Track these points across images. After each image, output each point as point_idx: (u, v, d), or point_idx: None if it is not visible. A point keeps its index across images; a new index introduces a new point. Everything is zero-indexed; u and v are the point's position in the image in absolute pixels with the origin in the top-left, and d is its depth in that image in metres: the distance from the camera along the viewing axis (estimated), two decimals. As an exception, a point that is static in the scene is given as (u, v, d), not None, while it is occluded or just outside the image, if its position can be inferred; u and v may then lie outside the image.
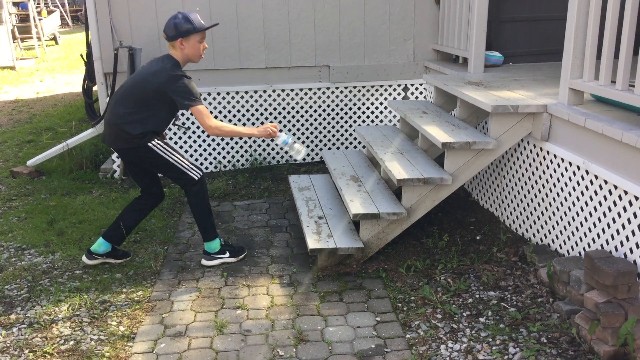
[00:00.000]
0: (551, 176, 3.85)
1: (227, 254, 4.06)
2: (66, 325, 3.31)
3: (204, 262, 4.04)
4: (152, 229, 4.59)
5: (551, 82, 4.61)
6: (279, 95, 6.02)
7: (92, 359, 3.01)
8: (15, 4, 15.76)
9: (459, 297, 3.53)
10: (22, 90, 10.82)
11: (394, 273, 3.85)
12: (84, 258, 4.00)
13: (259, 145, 6.08)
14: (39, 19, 15.67)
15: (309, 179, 5.13)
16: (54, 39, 17.40)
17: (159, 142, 3.81)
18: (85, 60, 6.58)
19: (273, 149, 6.12)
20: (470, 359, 2.95)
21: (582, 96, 3.77)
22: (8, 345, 3.14)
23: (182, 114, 5.82)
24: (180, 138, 5.90)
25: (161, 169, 3.90)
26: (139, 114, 3.71)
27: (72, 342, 3.16)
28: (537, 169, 4.02)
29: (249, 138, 5.95)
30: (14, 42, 13.57)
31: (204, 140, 5.92)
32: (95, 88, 6.28)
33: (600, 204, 3.36)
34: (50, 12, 18.37)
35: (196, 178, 3.90)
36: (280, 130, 4.05)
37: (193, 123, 5.89)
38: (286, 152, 4.18)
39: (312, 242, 3.89)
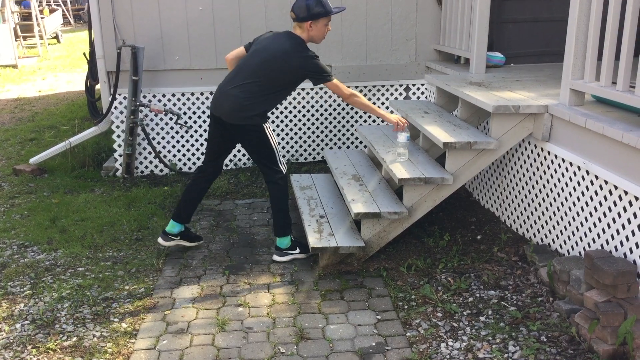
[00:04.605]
0: (552, 176, 3.87)
1: (298, 250, 4.08)
2: (69, 322, 3.34)
3: (276, 257, 4.06)
4: (155, 227, 4.60)
5: (552, 83, 4.63)
6: (281, 94, 6.03)
7: (94, 355, 3.03)
8: (17, 3, 15.82)
9: (460, 296, 3.55)
10: (24, 88, 10.85)
11: (395, 272, 3.87)
12: (160, 240, 4.05)
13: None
14: (41, 18, 15.70)
15: (310, 178, 5.15)
16: (56, 37, 17.44)
17: (269, 126, 3.90)
18: (88, 58, 6.60)
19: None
20: (470, 357, 2.97)
21: (583, 97, 3.79)
22: (11, 341, 3.16)
23: (185, 113, 5.85)
24: (182, 137, 5.92)
25: (259, 153, 3.92)
26: (263, 92, 3.76)
27: (74, 339, 3.18)
28: (537, 169, 4.04)
29: None
30: (16, 41, 13.60)
31: (205, 139, 5.93)
32: (97, 86, 6.29)
33: (601, 204, 3.38)
34: (52, 11, 18.42)
35: (284, 172, 3.95)
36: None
37: (195, 122, 5.91)
38: (397, 153, 4.24)
39: (314, 241, 3.91)
